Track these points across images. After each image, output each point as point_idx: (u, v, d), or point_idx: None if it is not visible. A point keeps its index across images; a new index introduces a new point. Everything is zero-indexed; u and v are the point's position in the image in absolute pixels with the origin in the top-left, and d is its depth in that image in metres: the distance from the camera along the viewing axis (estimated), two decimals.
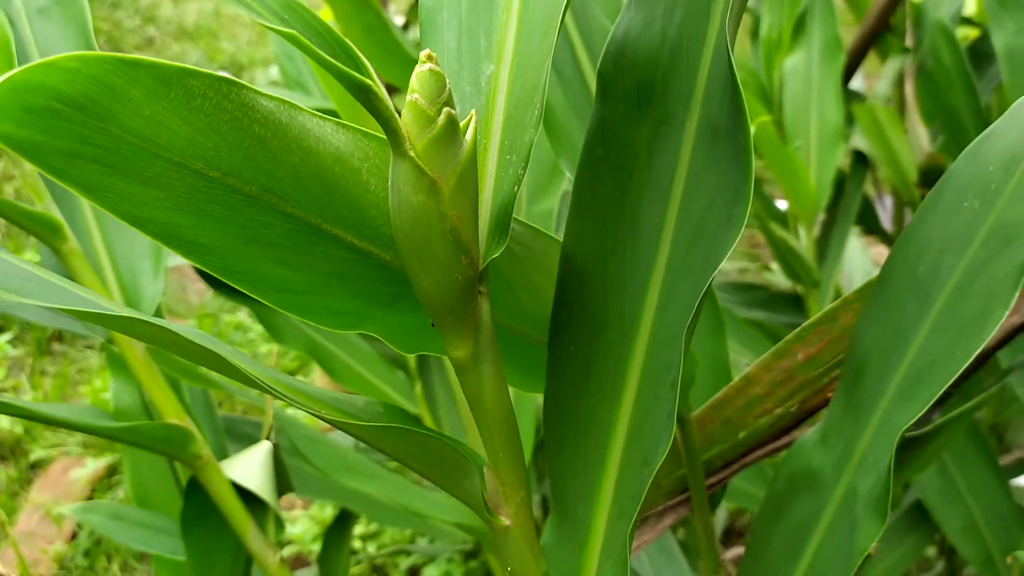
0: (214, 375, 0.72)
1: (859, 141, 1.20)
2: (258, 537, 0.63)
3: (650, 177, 0.37)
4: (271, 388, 0.30)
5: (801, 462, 0.45)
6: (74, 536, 1.67)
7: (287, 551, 1.61)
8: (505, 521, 0.36)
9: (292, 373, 2.11)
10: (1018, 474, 1.15)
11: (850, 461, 0.42)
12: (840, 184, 1.21)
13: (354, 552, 1.57)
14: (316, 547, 1.61)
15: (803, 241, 1.15)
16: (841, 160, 1.16)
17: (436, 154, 0.27)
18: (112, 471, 1.79)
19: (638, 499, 0.36)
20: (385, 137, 0.29)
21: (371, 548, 1.61)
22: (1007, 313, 0.37)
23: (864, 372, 0.42)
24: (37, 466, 1.85)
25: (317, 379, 1.77)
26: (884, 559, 1.16)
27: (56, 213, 0.54)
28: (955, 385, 0.67)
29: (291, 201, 0.29)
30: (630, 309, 0.37)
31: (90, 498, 1.72)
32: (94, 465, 1.77)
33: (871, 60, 1.36)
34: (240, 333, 2.19)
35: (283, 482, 0.67)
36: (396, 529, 1.61)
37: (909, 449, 0.66)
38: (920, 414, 0.38)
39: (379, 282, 0.33)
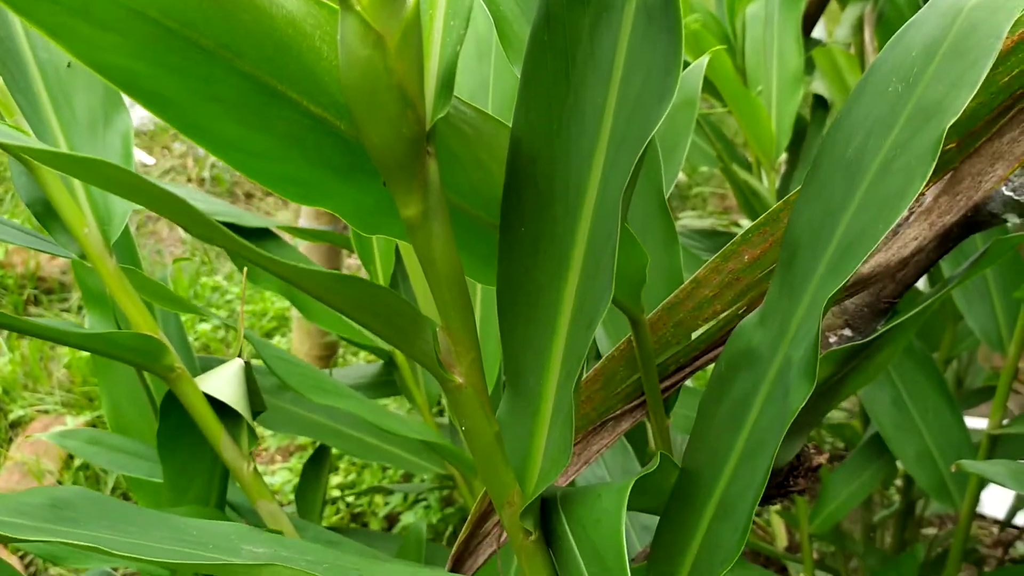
0: (186, 299, 0.73)
1: (819, 86, 1.23)
2: (232, 448, 0.65)
3: (592, 60, 0.40)
4: (234, 240, 0.32)
5: (742, 343, 0.48)
6: (69, 459, 1.69)
7: None
8: (458, 379, 0.38)
9: (269, 335, 2.13)
10: (971, 406, 1.19)
11: (785, 336, 0.45)
12: (802, 128, 1.24)
13: (333, 501, 1.60)
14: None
15: (765, 184, 1.18)
16: (802, 105, 1.18)
17: (382, 9, 0.29)
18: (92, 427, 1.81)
19: (582, 359, 0.39)
20: (336, 7, 0.31)
21: (349, 499, 1.65)
22: (923, 186, 0.39)
23: (797, 253, 0.45)
24: (16, 425, 1.86)
25: (294, 336, 1.79)
26: (844, 489, 1.20)
27: (25, 126, 0.56)
28: (898, 296, 0.70)
29: (246, 59, 0.31)
30: (575, 184, 0.40)
31: (71, 456, 1.74)
32: (74, 423, 1.79)
33: (832, 9, 1.39)
34: (218, 295, 2.20)
35: (256, 400, 0.70)
36: (373, 478, 1.64)
37: (856, 359, 0.69)
38: (844, 283, 0.41)
39: (336, 151, 0.36)
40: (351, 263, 2.20)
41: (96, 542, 0.38)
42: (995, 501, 1.77)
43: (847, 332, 0.71)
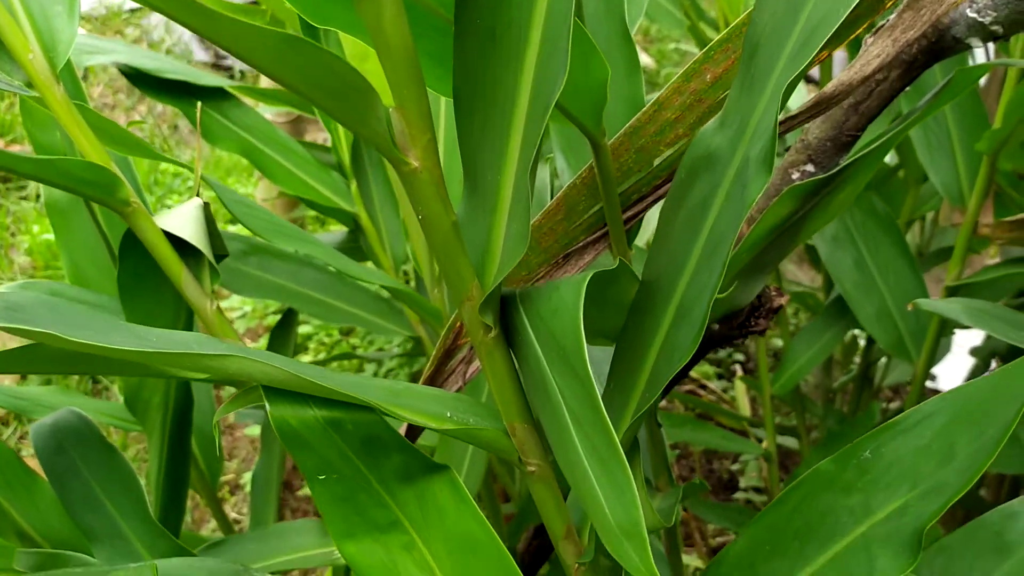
0: (141, 141, 0.72)
1: None
2: (194, 286, 0.64)
3: None
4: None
5: (701, 148, 0.48)
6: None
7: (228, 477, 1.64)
8: (414, 163, 0.38)
9: (232, 223, 2.10)
10: (932, 266, 1.21)
11: (744, 136, 0.44)
12: None
13: None
14: None
15: None
16: None
17: None
18: None
19: (537, 146, 0.38)
20: None
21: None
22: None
23: (758, 50, 0.44)
24: None
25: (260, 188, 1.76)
26: (806, 351, 1.23)
27: None
28: (861, 128, 0.70)
29: None
30: None
31: None
32: None
33: None
34: (179, 180, 2.16)
35: (217, 243, 0.69)
36: (343, 358, 1.65)
37: (819, 195, 0.69)
38: (802, 70, 0.41)
39: None
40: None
41: (52, 332, 0.38)
42: (952, 373, 1.82)
43: (810, 168, 0.72)
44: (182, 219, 0.65)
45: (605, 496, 0.39)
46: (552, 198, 0.62)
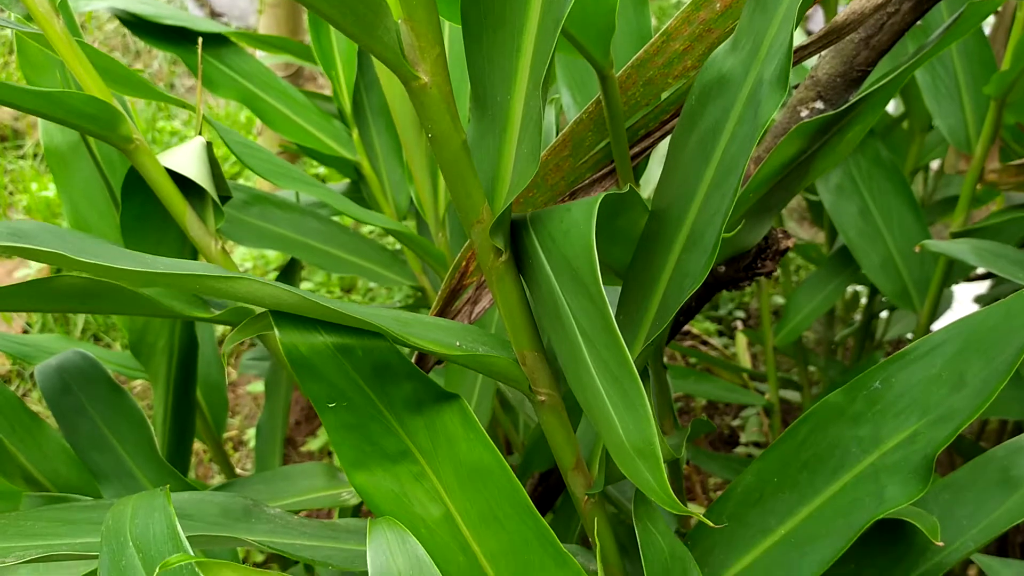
0: (144, 79, 0.71)
1: None
2: (198, 225, 0.64)
3: None
4: None
5: (712, 72, 0.47)
6: (25, 333, 1.68)
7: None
8: (424, 78, 0.37)
9: (233, 178, 2.09)
10: (936, 215, 1.20)
11: (758, 55, 0.44)
12: None
13: None
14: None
15: None
16: None
17: None
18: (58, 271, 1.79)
19: (548, 62, 0.38)
20: None
21: None
22: None
23: None
24: None
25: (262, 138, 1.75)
26: (809, 302, 1.23)
27: None
28: (871, 63, 0.69)
29: None
30: None
31: None
32: (38, 266, 1.77)
33: None
34: (176, 139, 2.15)
35: (220, 184, 0.68)
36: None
37: (828, 133, 0.69)
38: None
39: None
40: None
41: (59, 252, 0.37)
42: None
43: (819, 104, 0.71)
44: (185, 157, 0.64)
45: (619, 416, 0.38)
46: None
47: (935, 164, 1.41)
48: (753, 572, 0.55)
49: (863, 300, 1.70)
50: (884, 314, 1.45)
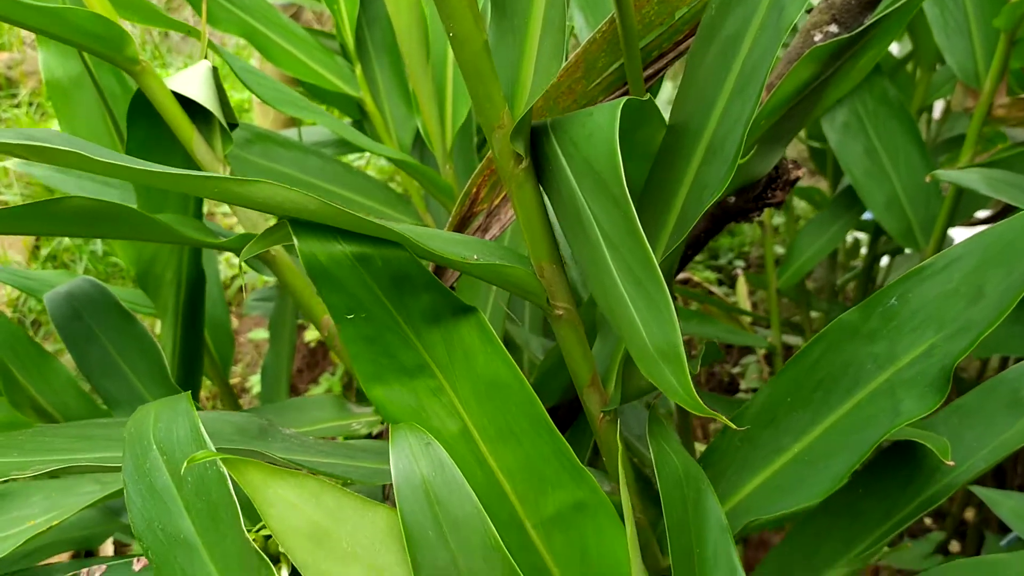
0: (146, 2, 0.69)
1: None
2: (206, 150, 0.63)
3: None
4: None
5: None
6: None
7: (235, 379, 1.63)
8: None
9: None
10: (943, 154, 1.20)
11: None
12: None
13: None
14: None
15: None
16: None
17: None
18: None
19: None
20: None
21: None
22: None
23: None
24: None
25: (255, 116, 1.74)
26: (813, 243, 1.23)
27: None
28: None
29: None
30: None
31: (37, 247, 1.71)
32: None
33: None
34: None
35: (227, 111, 0.67)
36: None
37: (841, 58, 0.68)
38: None
39: None
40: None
41: (76, 150, 0.37)
42: None
43: (833, 28, 0.70)
44: (192, 81, 0.63)
45: (642, 320, 0.38)
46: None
47: (938, 111, 1.40)
48: (766, 489, 0.55)
49: (863, 250, 1.71)
50: (884, 262, 1.45)
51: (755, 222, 1.43)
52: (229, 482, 0.37)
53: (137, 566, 0.52)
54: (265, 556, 0.36)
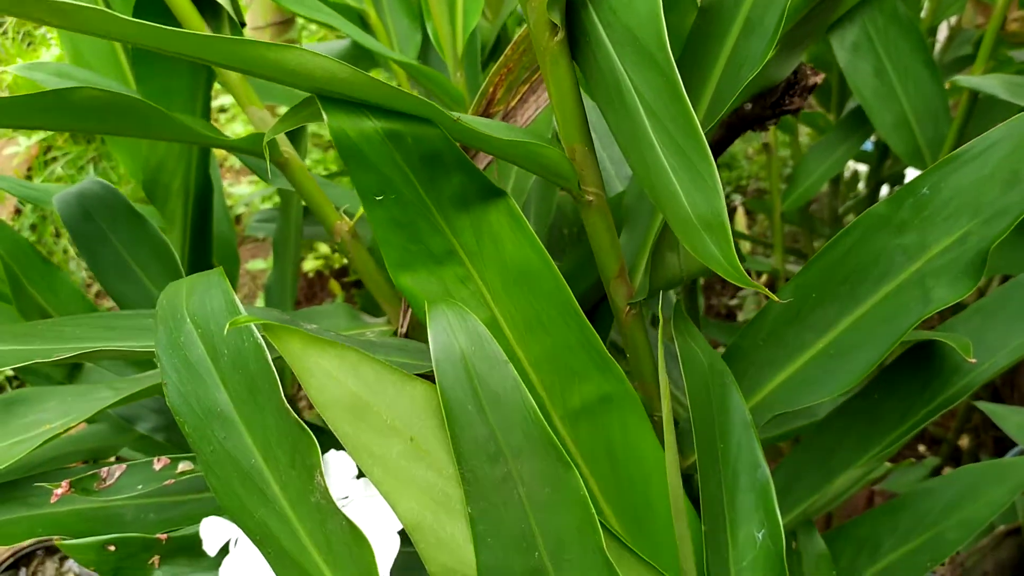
0: None
1: None
2: None
3: None
4: None
5: None
6: (18, 212, 1.65)
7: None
8: None
9: None
10: (952, 73, 1.18)
11: None
12: None
13: None
14: (269, 205, 1.62)
15: None
16: None
17: None
18: (47, 149, 1.75)
19: None
20: None
21: None
22: None
23: None
24: None
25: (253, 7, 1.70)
26: (818, 166, 1.22)
27: None
28: None
29: None
30: None
31: (18, 211, 1.68)
32: (27, 143, 1.72)
33: None
34: None
35: (235, 7, 0.65)
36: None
37: None
38: None
39: None
40: None
41: (99, 8, 0.35)
42: None
43: None
44: None
45: (684, 188, 0.38)
46: None
47: (942, 34, 1.38)
48: (791, 384, 0.55)
49: (860, 184, 1.70)
50: (884, 192, 1.45)
51: (761, 144, 1.42)
52: (267, 353, 0.37)
53: (157, 466, 0.51)
54: (306, 427, 0.36)
